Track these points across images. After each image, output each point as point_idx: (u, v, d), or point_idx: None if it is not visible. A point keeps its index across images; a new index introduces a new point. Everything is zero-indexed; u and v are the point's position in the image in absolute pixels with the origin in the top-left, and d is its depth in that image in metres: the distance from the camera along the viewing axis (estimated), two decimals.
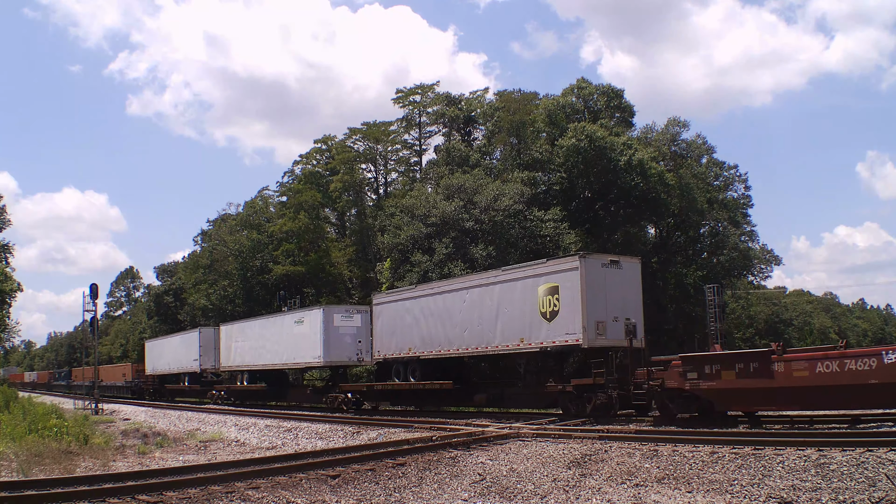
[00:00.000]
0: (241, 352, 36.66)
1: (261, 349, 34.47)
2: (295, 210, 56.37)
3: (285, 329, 32.34)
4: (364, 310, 30.80)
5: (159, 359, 49.34)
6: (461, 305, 23.80)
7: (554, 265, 20.92)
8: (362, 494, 11.38)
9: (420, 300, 25.60)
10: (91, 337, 46.71)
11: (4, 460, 15.74)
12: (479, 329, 22.97)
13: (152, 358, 51.04)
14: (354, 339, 29.92)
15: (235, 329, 38.11)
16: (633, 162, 41.61)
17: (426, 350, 25.08)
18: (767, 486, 10.31)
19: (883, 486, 9.62)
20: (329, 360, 29.58)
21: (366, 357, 29.78)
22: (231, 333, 38.20)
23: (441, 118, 53.26)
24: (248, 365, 35.94)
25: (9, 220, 48.62)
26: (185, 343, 44.13)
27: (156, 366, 50.18)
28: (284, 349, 32.35)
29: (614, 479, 11.67)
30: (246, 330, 36.81)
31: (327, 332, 29.45)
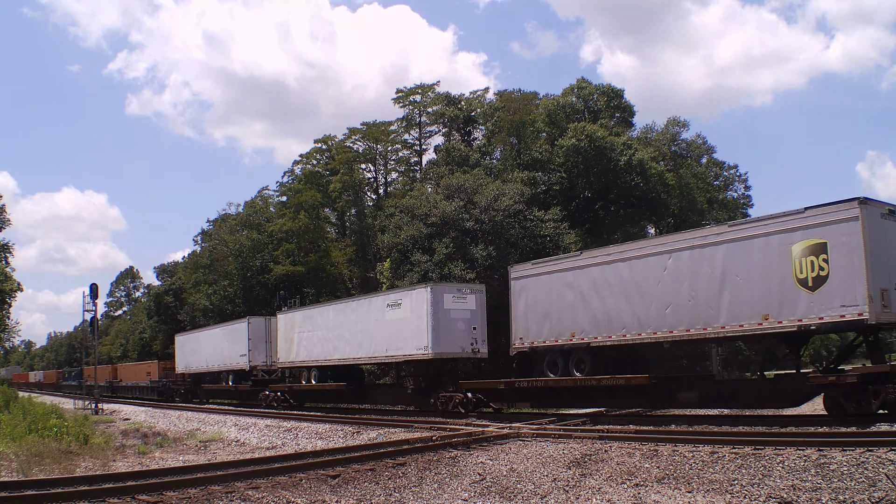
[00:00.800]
0: (307, 344, 31.02)
1: (337, 340, 28.90)
2: (295, 210, 56.41)
3: (374, 315, 26.74)
4: (479, 289, 25.35)
5: (194, 355, 43.26)
6: (659, 275, 18.55)
7: (817, 215, 15.76)
8: (362, 494, 11.39)
9: (588, 270, 20.46)
10: (91, 337, 46.68)
11: (4, 460, 15.74)
12: (690, 305, 17.80)
13: (185, 354, 44.91)
14: (468, 325, 24.31)
15: (299, 317, 32.27)
16: (633, 162, 41.67)
17: (600, 335, 19.97)
18: (767, 486, 10.31)
19: (883, 486, 9.62)
20: (439, 351, 23.72)
21: (481, 347, 24.53)
22: (293, 323, 32.48)
23: (441, 118, 53.32)
24: (317, 359, 30.37)
25: (8, 220, 48.62)
26: (230, 336, 37.92)
27: (189, 363, 44.08)
28: (372, 339, 26.78)
29: (614, 479, 11.68)
30: (315, 318, 31.11)
31: (436, 316, 23.72)
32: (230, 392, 39.41)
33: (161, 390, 47.66)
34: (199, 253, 73.42)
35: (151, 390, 49.54)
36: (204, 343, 42.09)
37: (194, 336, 44.99)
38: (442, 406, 23.89)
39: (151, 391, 49.45)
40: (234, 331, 37.63)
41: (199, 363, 42.26)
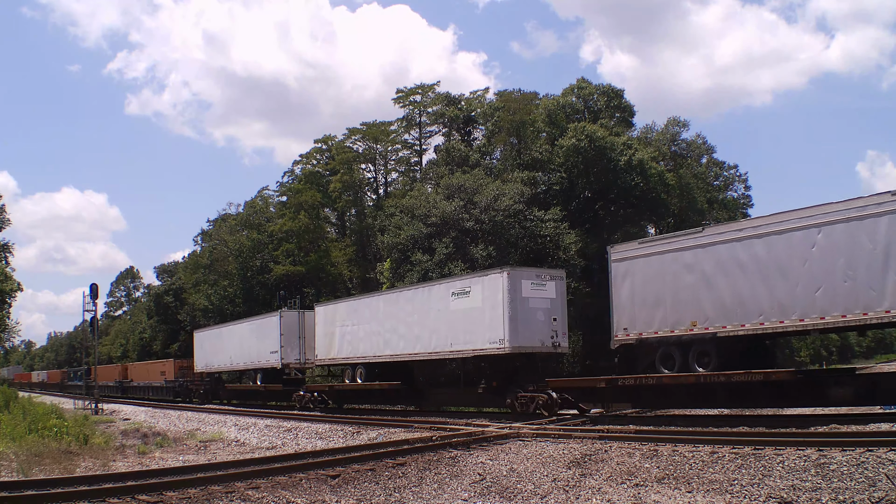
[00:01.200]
0: (351, 339, 27.94)
1: (389, 334, 25.83)
2: (295, 210, 56.48)
3: (435, 304, 23.81)
4: (559, 275, 22.65)
5: (216, 353, 39.97)
6: (807, 252, 16.19)
7: None
8: (362, 494, 11.39)
9: (713, 249, 18.06)
10: (91, 337, 46.65)
11: (4, 460, 15.74)
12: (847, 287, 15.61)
13: (205, 352, 41.64)
14: (548, 315, 21.59)
15: (342, 310, 29.09)
16: (633, 162, 41.69)
17: (729, 323, 17.42)
18: (767, 486, 10.31)
19: (883, 486, 9.62)
20: (517, 344, 20.83)
21: (562, 341, 21.81)
22: (334, 316, 29.27)
23: (441, 118, 53.37)
24: (364, 356, 27.22)
25: (8, 220, 48.59)
26: (259, 331, 34.88)
27: (210, 361, 40.84)
28: (433, 333, 23.79)
29: (614, 479, 11.68)
30: (361, 310, 27.94)
31: (513, 305, 20.90)
32: (258, 393, 35.83)
33: (178, 391, 44.93)
34: (199, 253, 73.52)
35: (167, 391, 46.57)
36: (228, 339, 38.64)
37: (216, 332, 41.36)
38: (521, 407, 20.98)
39: (167, 392, 46.51)
40: (263, 325, 34.52)
41: (222, 361, 39.13)
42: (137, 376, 53.86)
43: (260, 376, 34.93)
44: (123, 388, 55.48)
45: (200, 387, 42.40)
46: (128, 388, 54.89)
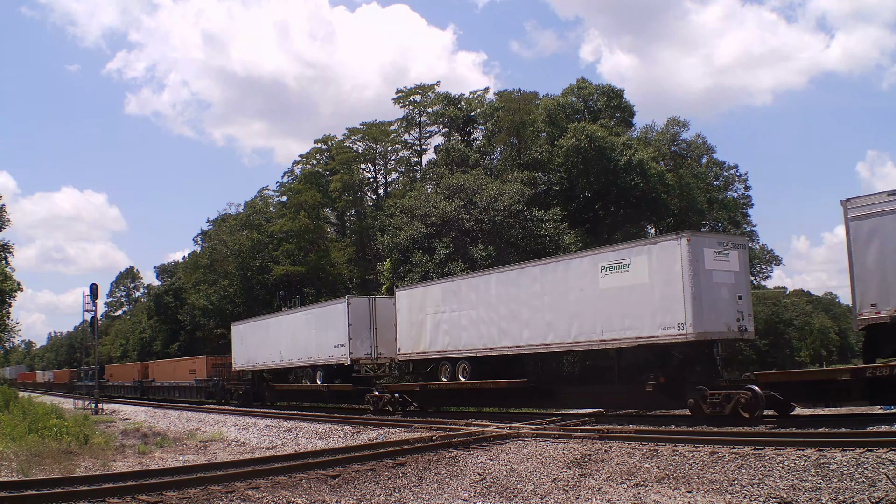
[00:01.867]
0: (450, 328, 23.45)
1: (508, 320, 21.21)
2: (295, 210, 56.52)
3: (575, 282, 19.18)
4: (741, 243, 18.32)
5: (260, 348, 35.26)
6: None
7: None
8: (362, 494, 11.39)
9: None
10: (91, 337, 46.63)
11: (4, 460, 15.75)
12: None
13: (247, 347, 36.74)
14: (733, 292, 17.29)
15: (436, 293, 24.31)
16: (633, 162, 41.69)
17: None
18: (767, 486, 10.31)
19: (883, 486, 9.62)
20: (704, 330, 16.59)
21: (748, 325, 17.38)
22: (423, 300, 24.65)
23: (441, 118, 53.38)
24: (469, 348, 22.61)
25: (8, 220, 48.58)
26: (321, 321, 30.11)
27: (253, 357, 36.03)
28: (573, 318, 19.16)
29: (614, 479, 11.68)
30: (463, 292, 23.14)
31: (696, 280, 16.63)
32: (318, 394, 31.03)
33: (212, 391, 40.42)
34: (199, 253, 73.53)
35: (198, 391, 42.08)
36: (276, 332, 33.86)
37: (262, 324, 36.21)
38: (713, 409, 16.27)
39: (198, 392, 42.00)
40: (326, 315, 29.68)
41: (269, 357, 34.39)
42: (161, 375, 49.38)
43: (320, 374, 29.92)
44: (143, 389, 51.66)
45: (240, 387, 38.10)
46: (149, 389, 50.90)
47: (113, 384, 59.29)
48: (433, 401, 25.49)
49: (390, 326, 26.55)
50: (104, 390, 58.53)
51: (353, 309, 28.09)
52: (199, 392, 41.97)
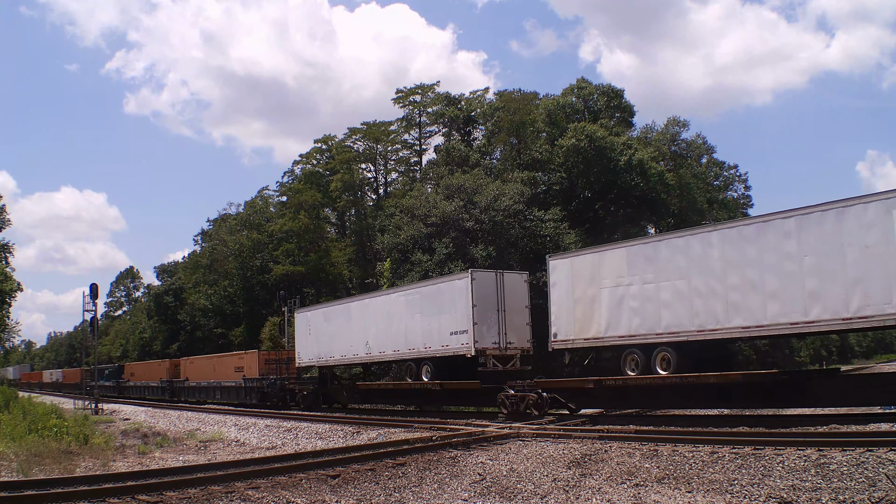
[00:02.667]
0: (644, 305, 18.27)
1: (744, 290, 16.36)
2: (295, 210, 56.56)
3: (856, 235, 14.59)
4: None
5: (339, 338, 29.04)
6: None
7: None
8: (362, 494, 11.39)
9: None
10: (91, 337, 46.58)
11: (4, 460, 15.75)
12: None
13: (317, 338, 30.63)
14: None
15: (616, 260, 18.98)
16: (633, 162, 41.72)
17: None
18: (767, 486, 10.31)
19: (883, 486, 9.62)
20: None
21: None
22: (595, 271, 19.43)
23: (441, 118, 53.39)
24: (676, 331, 17.55)
25: (8, 220, 48.57)
26: (430, 303, 24.21)
27: (327, 350, 29.76)
28: (857, 283, 14.52)
29: (614, 479, 11.68)
30: (666, 256, 18.04)
31: None
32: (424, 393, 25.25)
33: (267, 392, 33.98)
34: (199, 253, 73.59)
35: (247, 392, 35.80)
36: (361, 319, 27.92)
37: (340, 309, 29.97)
38: None
39: (247, 394, 35.79)
40: (438, 294, 23.96)
41: (350, 349, 28.26)
42: (196, 374, 43.45)
43: (428, 369, 24.31)
44: (173, 390, 45.96)
45: (306, 386, 32.14)
46: (180, 390, 45.08)
47: (134, 385, 54.07)
48: (611, 401, 20.04)
49: (520, 308, 22.97)
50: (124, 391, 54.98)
51: (477, 286, 22.34)
52: (248, 393, 35.66)
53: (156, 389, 48.78)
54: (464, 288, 22.67)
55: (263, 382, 34.57)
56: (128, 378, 56.35)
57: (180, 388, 44.97)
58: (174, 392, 45.66)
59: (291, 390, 32.67)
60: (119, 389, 55.95)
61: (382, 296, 28.00)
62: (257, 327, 55.31)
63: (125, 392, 55.00)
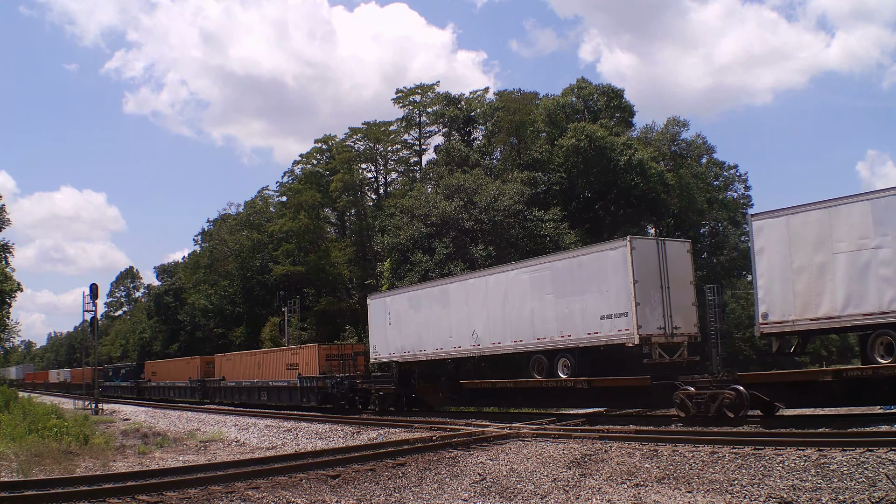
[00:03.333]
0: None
1: None
2: (295, 210, 56.52)
3: None
4: None
5: (430, 328, 24.63)
6: None
7: None
8: (362, 494, 11.39)
9: None
10: (91, 337, 46.52)
11: (4, 460, 15.75)
12: None
13: (401, 327, 26.07)
14: None
15: (858, 215, 15.06)
16: (633, 162, 41.69)
17: None
18: (767, 486, 10.31)
19: (883, 486, 9.62)
20: None
21: None
22: (823, 232, 15.55)
23: (441, 118, 53.34)
24: None
25: (8, 220, 48.41)
26: (570, 280, 19.83)
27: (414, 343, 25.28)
28: None
29: (614, 479, 11.68)
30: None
31: None
32: (559, 392, 20.59)
33: (330, 392, 28.97)
34: (199, 253, 73.57)
35: (304, 393, 30.90)
36: (463, 301, 23.25)
37: (436, 291, 24.97)
38: None
39: (304, 394, 30.96)
40: (580, 269, 19.50)
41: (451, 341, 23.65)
42: (236, 373, 38.29)
43: (567, 362, 19.79)
44: (206, 391, 41.53)
45: (384, 386, 27.11)
46: (215, 391, 40.35)
47: (157, 385, 49.37)
48: (851, 397, 16.15)
49: (684, 285, 19.05)
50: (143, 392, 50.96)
51: (638, 257, 18.24)
52: (305, 395, 30.92)
53: (184, 390, 44.20)
54: (620, 260, 18.47)
55: (327, 382, 29.21)
56: (148, 378, 51.75)
57: (215, 388, 40.19)
58: (207, 393, 41.18)
59: (365, 390, 27.81)
60: (138, 390, 52.13)
61: (495, 274, 22.69)
62: (257, 327, 55.30)
63: (145, 393, 51.02)
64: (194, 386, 42.55)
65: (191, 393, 43.12)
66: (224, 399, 38.90)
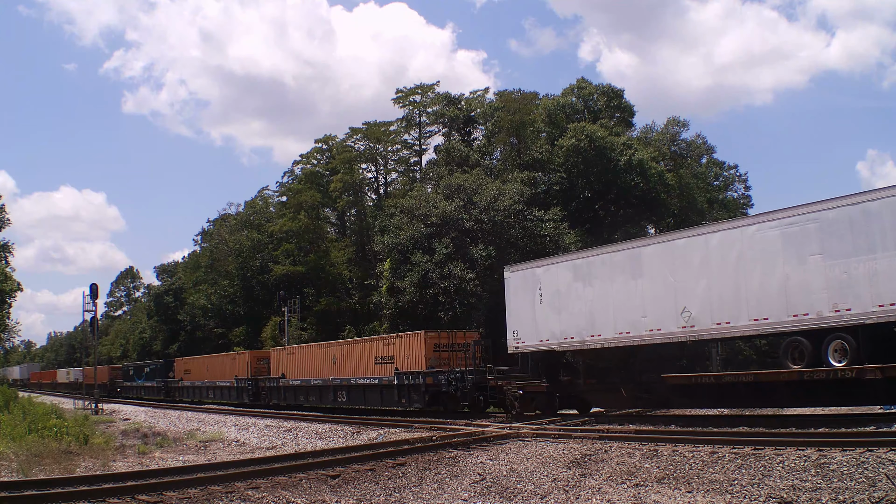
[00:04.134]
0: None
1: None
2: (295, 210, 56.55)
3: None
4: None
5: (610, 306, 19.41)
6: None
7: None
8: (362, 494, 11.39)
9: None
10: (91, 337, 46.45)
11: (4, 460, 15.75)
12: None
13: (559, 308, 20.66)
14: None
15: None
16: (633, 162, 41.70)
17: None
18: (767, 486, 10.31)
19: (883, 486, 9.62)
20: None
21: None
22: None
23: (441, 118, 53.34)
24: None
25: (8, 220, 48.40)
26: (844, 234, 15.20)
27: (582, 326, 19.95)
28: None
29: (614, 479, 11.67)
30: None
31: None
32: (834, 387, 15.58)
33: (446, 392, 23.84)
34: (199, 253, 73.59)
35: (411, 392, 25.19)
36: (667, 270, 18.33)
37: (620, 258, 19.63)
38: None
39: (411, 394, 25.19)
40: (868, 220, 15.03)
41: (644, 322, 18.56)
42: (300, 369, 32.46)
43: (846, 346, 15.06)
44: (257, 391, 35.66)
45: (536, 385, 21.06)
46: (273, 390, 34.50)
47: (192, 385, 43.12)
48: None
49: None
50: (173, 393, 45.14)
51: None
52: (407, 394, 25.26)
53: (228, 391, 38.42)
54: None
55: (440, 378, 23.89)
56: (180, 377, 45.33)
57: (271, 388, 34.66)
58: (258, 393, 35.51)
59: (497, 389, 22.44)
60: (166, 391, 46.47)
61: (721, 231, 17.80)
62: (257, 327, 55.33)
63: (176, 395, 45.08)
64: (243, 386, 36.51)
65: (237, 394, 37.27)
66: (283, 401, 33.59)
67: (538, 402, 21.26)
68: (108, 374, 59.59)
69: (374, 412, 27.72)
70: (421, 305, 36.30)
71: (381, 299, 42.06)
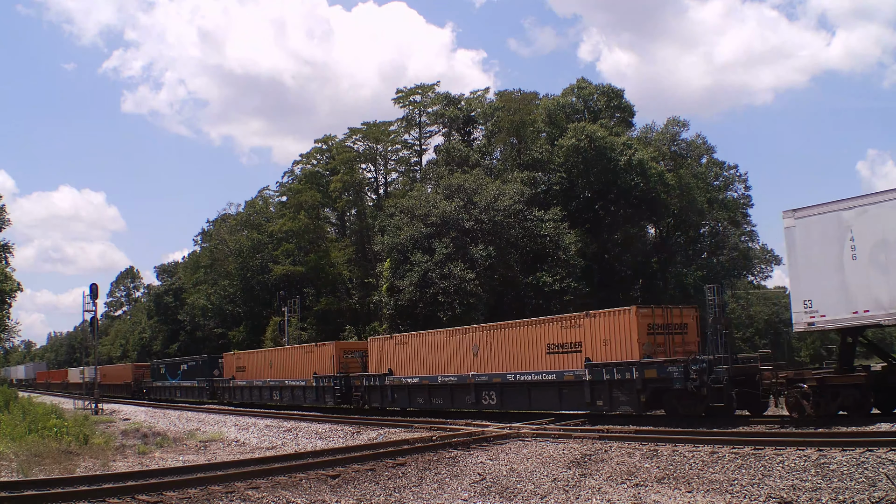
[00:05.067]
0: None
1: None
2: (295, 210, 56.55)
3: None
4: None
5: None
6: None
7: None
8: (362, 494, 11.39)
9: None
10: (91, 337, 46.47)
11: (4, 460, 15.75)
12: None
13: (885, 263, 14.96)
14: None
15: None
16: (633, 162, 41.71)
17: None
18: (767, 486, 10.31)
19: (883, 486, 9.62)
20: None
21: None
22: None
23: (441, 118, 53.34)
24: None
25: (8, 220, 48.35)
26: None
27: None
28: None
29: (614, 478, 11.67)
30: None
31: None
32: None
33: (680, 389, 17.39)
34: (199, 253, 73.59)
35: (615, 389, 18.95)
36: None
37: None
38: None
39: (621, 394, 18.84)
40: None
41: None
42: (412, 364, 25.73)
43: None
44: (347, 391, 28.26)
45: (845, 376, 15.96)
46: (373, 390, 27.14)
47: (250, 385, 35.38)
48: None
49: None
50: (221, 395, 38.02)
51: None
52: (612, 392, 18.96)
53: (304, 392, 31.14)
54: None
55: (671, 370, 17.66)
56: (230, 375, 37.70)
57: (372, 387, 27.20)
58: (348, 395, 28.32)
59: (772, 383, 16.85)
60: (212, 392, 39.07)
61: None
62: (257, 327, 55.32)
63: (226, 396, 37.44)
64: (326, 385, 29.38)
65: (318, 395, 30.11)
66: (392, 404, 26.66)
67: (845, 400, 15.77)
68: (133, 372, 53.06)
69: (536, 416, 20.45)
70: (420, 305, 36.31)
71: (380, 299, 42.05)
